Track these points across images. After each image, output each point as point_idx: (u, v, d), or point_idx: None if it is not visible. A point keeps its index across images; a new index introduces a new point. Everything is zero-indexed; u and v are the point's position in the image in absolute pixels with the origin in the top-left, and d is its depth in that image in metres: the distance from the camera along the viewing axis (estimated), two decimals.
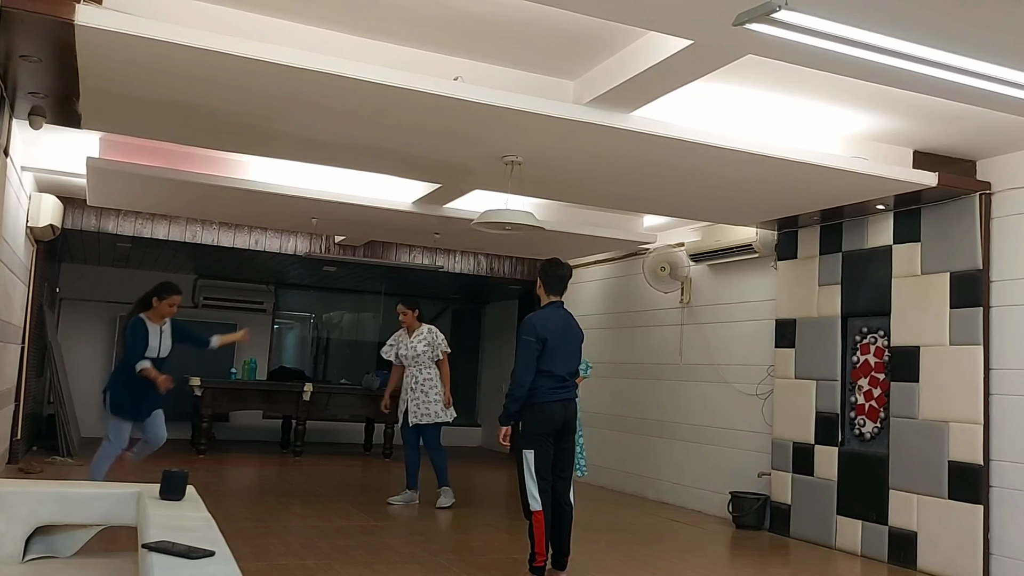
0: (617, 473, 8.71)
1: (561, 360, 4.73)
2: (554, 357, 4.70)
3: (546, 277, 4.90)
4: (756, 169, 5.16)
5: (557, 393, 4.71)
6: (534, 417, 4.68)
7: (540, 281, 4.93)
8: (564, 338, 4.77)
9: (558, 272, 4.91)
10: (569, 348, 4.81)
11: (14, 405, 7.56)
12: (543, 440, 4.66)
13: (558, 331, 4.75)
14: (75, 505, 2.91)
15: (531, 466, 4.61)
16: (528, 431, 4.69)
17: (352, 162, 5.86)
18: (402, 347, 7.17)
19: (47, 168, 6.74)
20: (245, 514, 6.17)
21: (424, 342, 7.09)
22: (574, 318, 4.99)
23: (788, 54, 3.51)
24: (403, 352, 7.15)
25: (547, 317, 4.79)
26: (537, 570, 4.61)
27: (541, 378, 4.68)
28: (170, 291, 5.92)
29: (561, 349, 4.74)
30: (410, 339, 7.16)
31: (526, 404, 4.69)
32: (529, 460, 4.62)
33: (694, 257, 7.80)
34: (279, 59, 3.79)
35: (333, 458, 10.09)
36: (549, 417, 4.68)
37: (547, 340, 4.68)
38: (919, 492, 5.63)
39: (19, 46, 3.78)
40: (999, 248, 5.45)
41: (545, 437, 4.67)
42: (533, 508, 4.60)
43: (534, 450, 4.63)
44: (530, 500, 4.61)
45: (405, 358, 7.14)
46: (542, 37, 4.03)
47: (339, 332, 13.78)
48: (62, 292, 11.30)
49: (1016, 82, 3.61)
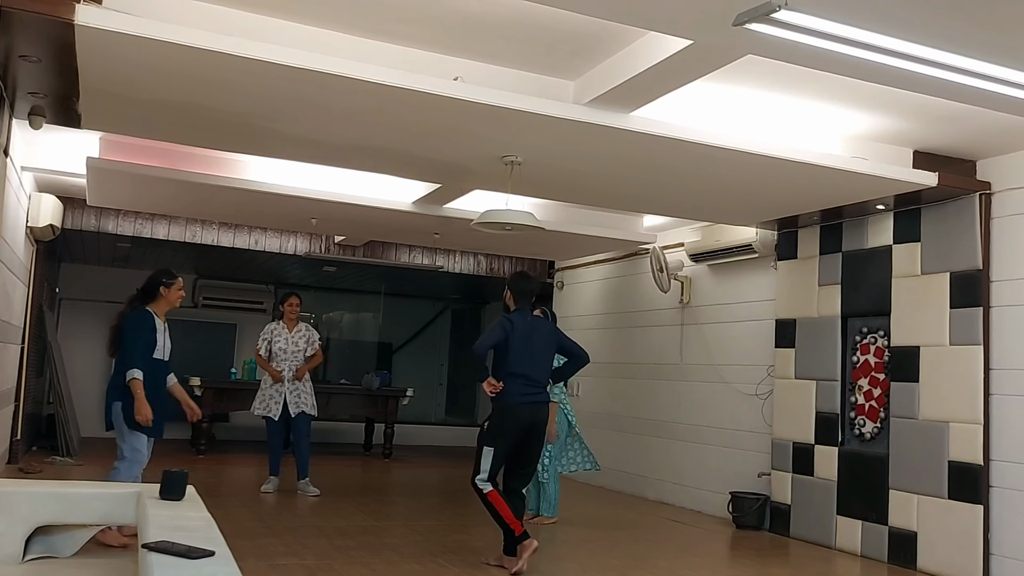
0: (617, 473, 8.71)
1: (529, 363, 4.94)
2: (522, 359, 4.91)
3: (514, 290, 5.15)
4: (756, 169, 5.16)
5: (527, 396, 4.92)
6: (502, 417, 4.88)
7: (509, 292, 5.17)
8: (531, 341, 4.99)
9: (527, 286, 5.18)
10: (538, 351, 5.01)
11: (14, 405, 7.56)
12: (506, 439, 4.87)
13: (524, 335, 4.97)
14: (75, 505, 2.91)
15: (487, 461, 4.84)
16: (494, 429, 4.90)
17: (352, 162, 5.86)
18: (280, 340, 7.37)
19: (47, 168, 6.74)
20: (245, 514, 6.17)
21: (304, 338, 7.41)
22: (547, 324, 5.26)
23: (788, 54, 3.51)
24: (281, 346, 7.34)
25: (516, 321, 5.01)
26: (521, 537, 4.76)
27: (511, 380, 4.89)
28: (174, 275, 5.21)
29: (529, 352, 4.95)
30: (291, 333, 7.39)
31: (496, 403, 4.90)
32: (488, 456, 4.84)
33: (694, 257, 7.80)
34: (279, 59, 3.79)
35: (333, 458, 10.09)
36: (516, 418, 4.88)
37: (510, 342, 4.91)
38: (919, 492, 5.63)
39: (19, 46, 3.78)
40: (999, 248, 5.45)
41: (509, 437, 4.88)
42: (485, 490, 4.82)
43: (494, 449, 4.85)
44: (479, 485, 4.83)
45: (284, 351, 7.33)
46: (542, 37, 4.03)
47: (339, 332, 13.78)
48: (62, 292, 11.30)
49: (1016, 82, 3.61)
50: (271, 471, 7.37)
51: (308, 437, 7.40)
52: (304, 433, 7.36)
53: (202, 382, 9.60)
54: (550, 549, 5.96)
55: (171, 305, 5.16)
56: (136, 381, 4.83)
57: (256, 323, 11.51)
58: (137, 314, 5.04)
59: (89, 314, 11.29)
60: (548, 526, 6.46)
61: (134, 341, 4.94)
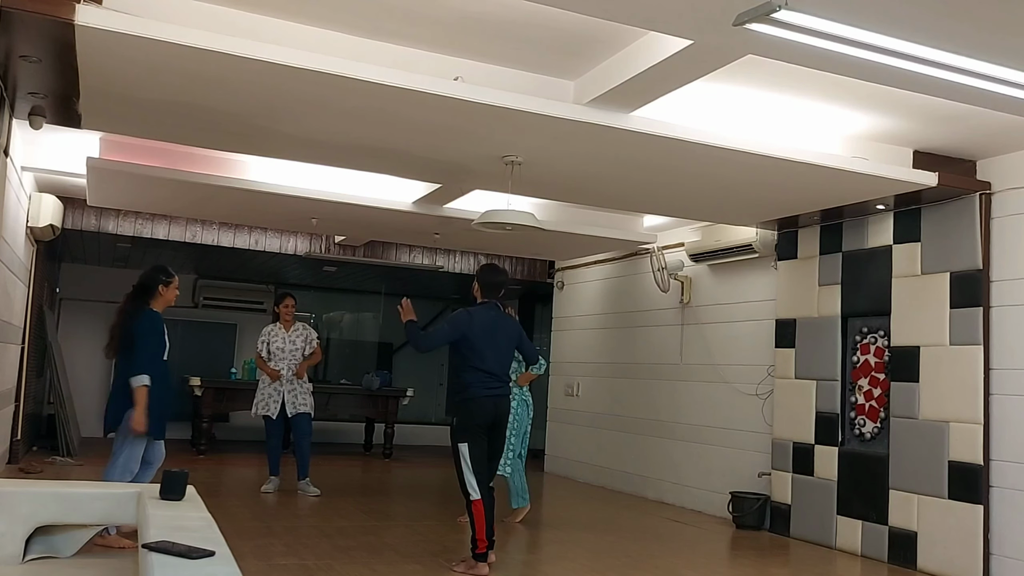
0: (617, 473, 8.71)
1: (491, 358, 5.01)
2: (484, 355, 4.99)
3: (483, 282, 5.22)
4: (756, 169, 5.16)
5: (489, 389, 5.00)
6: (468, 411, 4.96)
7: (477, 284, 5.24)
8: (493, 337, 5.05)
9: (496, 278, 5.24)
10: (499, 346, 5.08)
11: (14, 405, 7.56)
12: (477, 433, 4.95)
13: (487, 329, 5.03)
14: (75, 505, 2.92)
15: (466, 458, 4.91)
16: (462, 425, 4.97)
17: (352, 162, 5.86)
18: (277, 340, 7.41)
19: (47, 168, 6.73)
20: (245, 514, 6.17)
21: (302, 337, 7.45)
22: (510, 318, 5.32)
23: (788, 54, 3.51)
24: (279, 345, 7.38)
25: (477, 314, 5.08)
26: (480, 556, 4.86)
27: (474, 373, 4.98)
28: (172, 273, 5.12)
29: (491, 347, 5.02)
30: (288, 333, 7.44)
31: (461, 399, 4.99)
32: (464, 452, 4.92)
33: (694, 257, 7.80)
34: (279, 59, 3.79)
35: (333, 458, 10.10)
36: (481, 410, 4.95)
37: (470, 337, 4.98)
38: (919, 492, 5.63)
39: (19, 46, 3.78)
40: (999, 248, 5.45)
41: (478, 430, 4.96)
42: (472, 498, 4.90)
43: (468, 443, 4.93)
44: (469, 490, 4.91)
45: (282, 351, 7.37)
46: (542, 37, 4.03)
47: (339, 332, 13.78)
48: (62, 292, 11.30)
49: (1016, 82, 3.61)
50: (271, 471, 7.38)
51: (309, 437, 7.42)
52: (305, 433, 7.38)
53: (202, 382, 9.61)
54: (550, 549, 5.96)
55: (168, 303, 5.09)
56: (144, 389, 4.72)
57: (256, 323, 11.50)
58: (148, 316, 4.92)
59: (89, 314, 11.29)
60: (548, 526, 6.45)
61: (146, 344, 4.83)
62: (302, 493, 7.21)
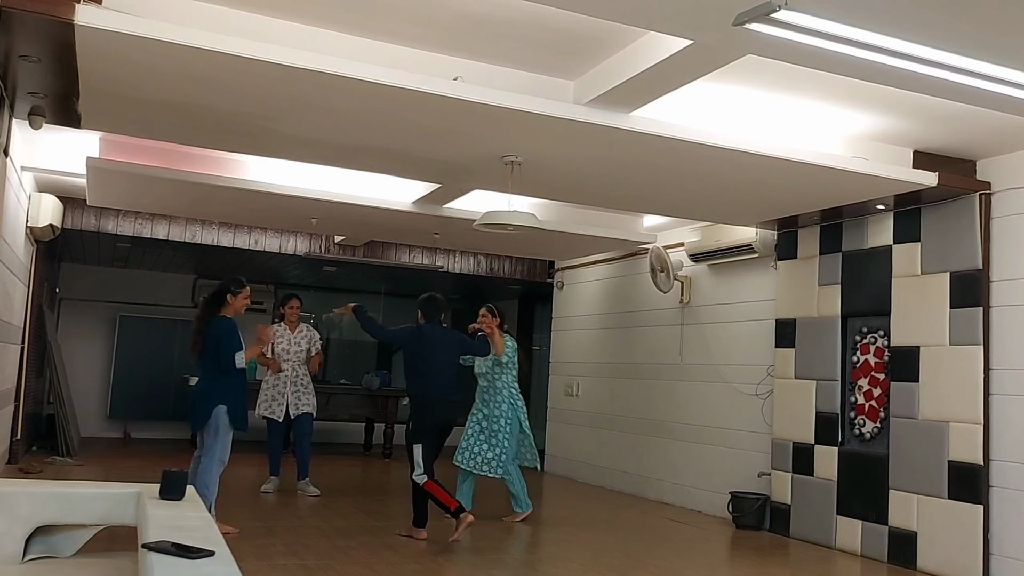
0: (617, 473, 8.71)
1: (435, 372, 5.65)
2: (431, 366, 5.66)
3: (424, 310, 5.87)
4: (756, 169, 5.16)
5: (441, 394, 5.65)
6: (423, 411, 5.61)
7: (420, 312, 5.88)
8: (434, 352, 5.69)
9: (436, 306, 5.91)
10: (441, 361, 5.70)
11: (14, 405, 7.56)
12: (428, 435, 5.57)
13: (434, 343, 5.71)
14: (75, 505, 2.91)
15: (419, 459, 5.50)
16: (416, 428, 5.60)
17: (352, 162, 5.86)
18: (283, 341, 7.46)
19: (47, 168, 6.73)
20: (245, 514, 6.17)
21: (306, 338, 7.53)
22: (453, 334, 5.95)
23: (788, 54, 3.51)
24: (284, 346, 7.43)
25: (426, 330, 5.78)
26: (456, 512, 5.41)
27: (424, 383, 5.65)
28: (243, 284, 5.59)
29: (435, 362, 5.67)
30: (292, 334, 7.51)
31: (415, 404, 5.66)
32: (417, 454, 5.52)
33: (694, 257, 7.80)
34: (279, 59, 3.79)
35: (333, 458, 10.10)
36: (434, 411, 5.60)
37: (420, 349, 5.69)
38: (919, 492, 5.63)
39: (19, 46, 3.78)
40: (999, 248, 5.45)
41: (430, 433, 5.58)
42: (421, 482, 5.48)
43: (421, 444, 5.53)
44: (417, 479, 5.50)
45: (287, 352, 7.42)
46: (542, 37, 4.03)
47: (339, 332, 13.77)
48: (62, 292, 11.29)
49: (1016, 82, 3.61)
50: (271, 471, 7.38)
51: (310, 437, 7.44)
52: (306, 432, 7.39)
53: None
54: (550, 549, 5.96)
55: (238, 311, 5.57)
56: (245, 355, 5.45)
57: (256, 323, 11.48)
58: (220, 322, 5.45)
59: (89, 314, 11.29)
60: (548, 526, 6.46)
61: (231, 345, 5.40)
62: (302, 493, 7.21)
